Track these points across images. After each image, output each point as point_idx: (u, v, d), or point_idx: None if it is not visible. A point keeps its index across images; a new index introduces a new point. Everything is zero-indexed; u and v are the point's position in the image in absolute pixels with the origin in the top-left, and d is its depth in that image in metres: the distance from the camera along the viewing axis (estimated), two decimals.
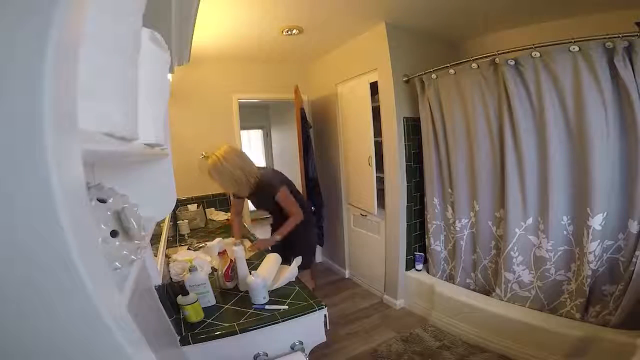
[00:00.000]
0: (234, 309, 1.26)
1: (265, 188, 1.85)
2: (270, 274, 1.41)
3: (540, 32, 2.03)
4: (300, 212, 1.91)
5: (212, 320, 1.17)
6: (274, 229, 2.06)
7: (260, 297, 1.26)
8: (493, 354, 1.89)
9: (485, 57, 1.90)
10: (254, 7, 1.88)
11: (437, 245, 2.40)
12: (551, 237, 1.80)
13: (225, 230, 2.44)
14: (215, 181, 1.78)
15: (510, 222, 1.93)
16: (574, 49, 1.56)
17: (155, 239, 1.34)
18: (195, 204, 2.72)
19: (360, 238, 2.94)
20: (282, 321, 1.15)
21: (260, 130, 5.55)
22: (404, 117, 2.35)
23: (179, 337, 1.05)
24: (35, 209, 0.21)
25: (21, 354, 0.23)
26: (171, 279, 1.43)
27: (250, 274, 1.30)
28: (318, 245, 2.99)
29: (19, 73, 0.20)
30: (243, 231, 2.20)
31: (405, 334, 2.17)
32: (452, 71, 2.07)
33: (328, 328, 1.26)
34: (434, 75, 2.16)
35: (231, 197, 2.11)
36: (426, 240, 2.48)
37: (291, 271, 1.44)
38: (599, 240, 1.63)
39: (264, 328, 1.13)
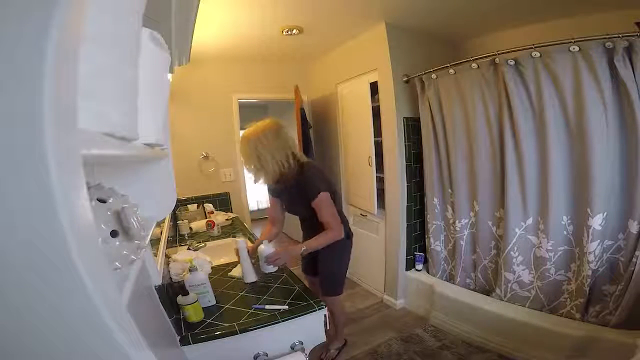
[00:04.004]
0: (234, 309, 1.26)
1: (301, 186, 1.47)
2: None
3: (540, 32, 2.03)
4: (341, 229, 1.51)
5: (212, 320, 1.17)
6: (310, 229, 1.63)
7: (270, 267, 1.45)
8: (493, 354, 1.89)
9: (485, 57, 1.90)
10: (254, 7, 1.88)
11: (437, 245, 2.40)
12: (551, 237, 1.80)
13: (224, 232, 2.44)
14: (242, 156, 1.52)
15: (510, 222, 1.92)
16: (574, 49, 1.56)
17: (155, 239, 1.33)
18: (195, 204, 2.73)
19: (360, 238, 2.92)
20: (282, 321, 1.15)
21: None
22: (404, 117, 2.35)
23: (179, 337, 1.05)
24: (35, 209, 0.21)
25: (21, 354, 0.23)
26: (171, 279, 1.43)
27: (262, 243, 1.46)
28: None
29: (19, 73, 0.20)
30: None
31: (405, 334, 2.17)
32: (452, 71, 2.07)
33: (328, 328, 1.26)
34: (434, 75, 2.16)
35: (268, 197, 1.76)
36: (426, 240, 2.48)
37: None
38: (599, 240, 1.63)
39: (264, 328, 1.13)
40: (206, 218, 2.70)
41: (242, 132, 1.55)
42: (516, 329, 1.83)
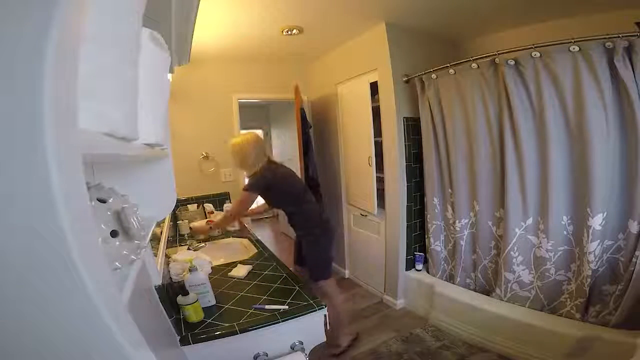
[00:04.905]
0: (234, 309, 1.26)
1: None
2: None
3: (540, 32, 2.02)
4: (230, 220, 1.97)
5: (212, 320, 1.17)
6: (293, 227, 2.00)
7: None
8: (493, 354, 1.89)
9: (485, 57, 1.90)
10: (254, 7, 1.88)
11: (437, 245, 2.40)
12: (551, 237, 1.80)
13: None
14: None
15: (510, 222, 1.92)
16: (574, 49, 1.56)
17: (155, 239, 1.34)
18: (195, 204, 2.73)
19: (360, 238, 2.93)
20: (282, 321, 1.15)
21: (260, 130, 5.56)
22: (404, 117, 2.35)
23: (179, 337, 1.05)
24: (35, 209, 0.21)
25: (21, 354, 0.23)
26: (171, 279, 1.43)
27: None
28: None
29: (19, 73, 0.20)
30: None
31: (405, 334, 2.17)
32: (452, 71, 2.07)
33: (328, 328, 1.26)
34: (434, 75, 2.16)
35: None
36: (426, 240, 2.48)
37: None
38: (599, 240, 1.63)
39: (264, 328, 1.13)
40: (206, 218, 2.70)
41: (242, 134, 1.97)
42: (516, 329, 1.83)
